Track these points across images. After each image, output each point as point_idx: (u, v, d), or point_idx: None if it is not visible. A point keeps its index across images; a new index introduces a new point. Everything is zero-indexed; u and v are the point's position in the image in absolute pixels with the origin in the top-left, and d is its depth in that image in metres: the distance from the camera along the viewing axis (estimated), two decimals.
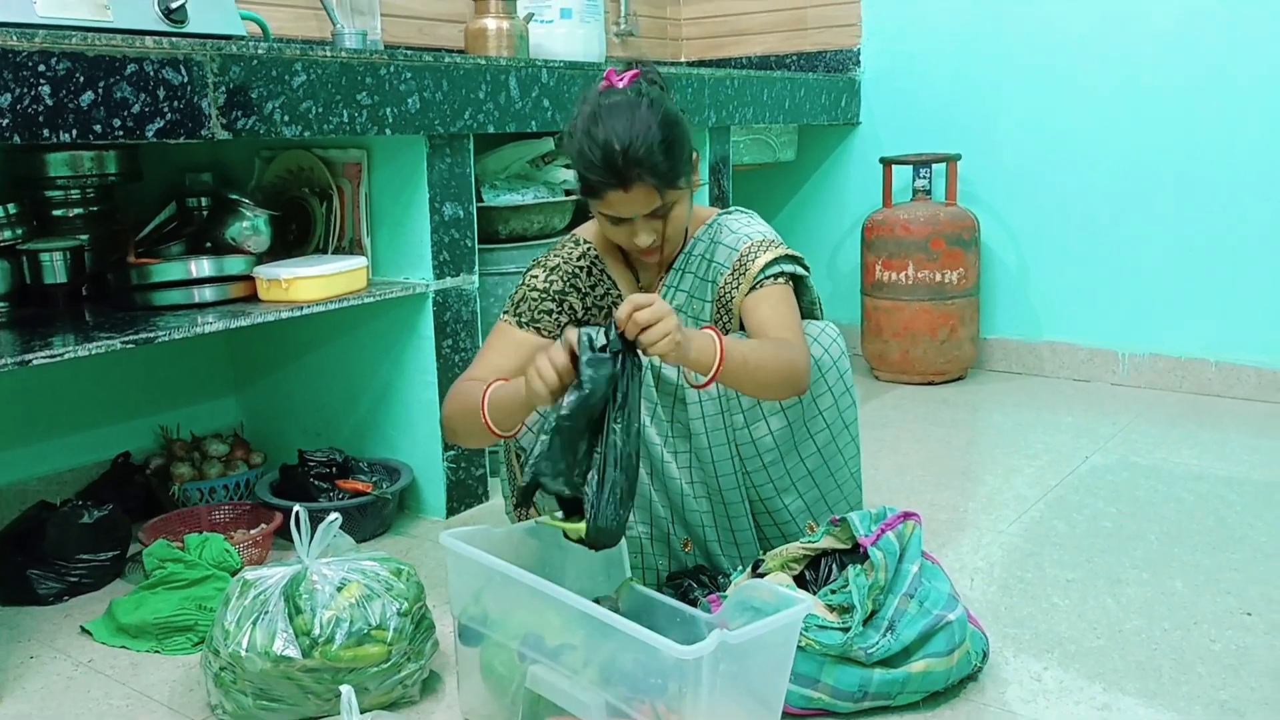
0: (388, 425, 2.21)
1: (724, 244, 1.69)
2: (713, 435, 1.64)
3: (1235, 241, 2.89)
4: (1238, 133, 2.84)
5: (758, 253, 1.66)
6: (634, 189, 1.50)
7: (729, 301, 1.66)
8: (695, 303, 1.70)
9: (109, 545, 1.88)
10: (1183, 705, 1.42)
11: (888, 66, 3.35)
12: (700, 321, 1.69)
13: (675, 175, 1.53)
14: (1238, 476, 2.30)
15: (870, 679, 1.40)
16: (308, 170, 2.19)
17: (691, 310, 1.70)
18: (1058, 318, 3.19)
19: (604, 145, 1.48)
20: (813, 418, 1.69)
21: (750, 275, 1.64)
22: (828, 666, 1.39)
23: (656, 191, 1.52)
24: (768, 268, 1.65)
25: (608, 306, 1.72)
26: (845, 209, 3.48)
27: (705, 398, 1.63)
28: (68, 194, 2.06)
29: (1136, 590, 1.77)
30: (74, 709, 1.49)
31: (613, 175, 1.49)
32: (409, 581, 1.48)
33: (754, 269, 1.64)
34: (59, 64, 1.43)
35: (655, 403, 1.65)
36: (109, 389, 2.27)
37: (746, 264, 1.65)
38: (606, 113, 1.50)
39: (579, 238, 1.75)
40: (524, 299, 1.69)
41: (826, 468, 1.72)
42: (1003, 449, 2.55)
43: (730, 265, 1.66)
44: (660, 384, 1.64)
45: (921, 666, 1.41)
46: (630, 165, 1.47)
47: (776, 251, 1.66)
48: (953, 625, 1.44)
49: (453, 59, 1.99)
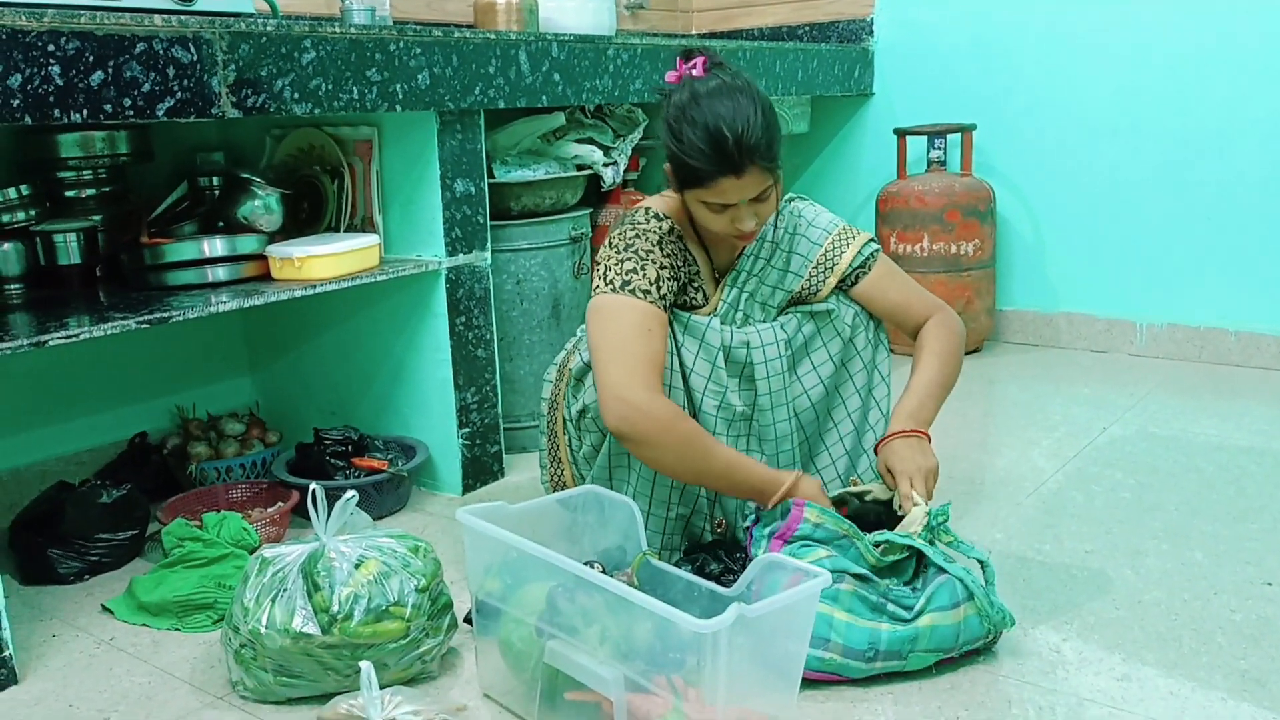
0: (402, 403, 2.21)
1: (805, 236, 1.73)
2: (775, 403, 1.69)
3: (1254, 210, 2.85)
4: (1256, 100, 2.80)
5: (842, 246, 1.72)
6: (746, 174, 1.49)
7: (812, 293, 1.73)
8: (765, 289, 1.72)
9: (128, 525, 1.89)
10: (1203, 675, 1.42)
11: (901, 36, 3.31)
12: (769, 308, 1.72)
13: (779, 156, 1.52)
14: (1258, 446, 2.29)
15: (879, 636, 1.40)
16: (319, 148, 2.19)
17: (761, 296, 1.72)
18: (1075, 289, 3.17)
19: (714, 132, 1.46)
20: (850, 359, 1.76)
21: (839, 270, 1.72)
22: (835, 624, 1.40)
23: (767, 174, 1.51)
24: (856, 258, 1.72)
25: (686, 284, 1.68)
26: (859, 181, 3.45)
27: (772, 373, 1.68)
28: (80, 175, 2.06)
29: (1156, 561, 1.76)
30: (96, 686, 1.50)
31: (726, 162, 1.47)
32: (426, 558, 1.48)
33: (843, 263, 1.72)
34: (68, 44, 1.42)
35: (724, 386, 1.65)
36: (124, 369, 2.27)
37: (833, 258, 1.72)
38: (707, 101, 1.49)
39: (658, 212, 1.67)
40: (655, 277, 1.58)
41: (862, 408, 1.78)
42: (1020, 421, 2.54)
43: (814, 259, 1.72)
44: (729, 364, 1.66)
45: (927, 621, 1.41)
46: (744, 151, 1.46)
47: (859, 241, 1.74)
48: (951, 581, 1.44)
49: (462, 34, 1.97)
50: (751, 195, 1.52)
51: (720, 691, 1.14)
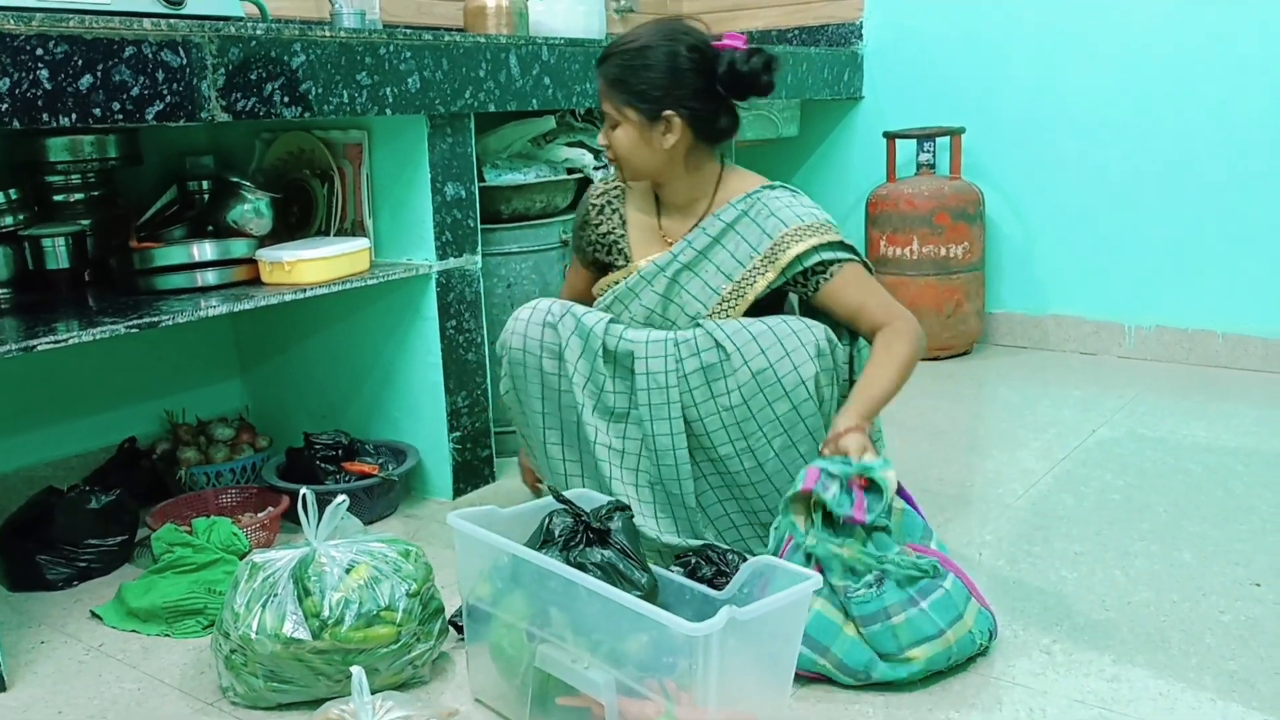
0: (393, 407, 2.21)
1: (760, 225, 1.68)
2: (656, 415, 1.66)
3: (1242, 212, 2.87)
4: (1245, 103, 2.82)
5: (792, 241, 1.66)
6: (602, 84, 1.69)
7: (749, 287, 1.66)
8: (708, 266, 1.70)
9: (117, 530, 1.88)
10: (1192, 676, 1.42)
11: (890, 40, 3.32)
12: (710, 287, 1.69)
13: (628, 93, 1.65)
14: (1246, 447, 2.30)
15: (874, 665, 1.40)
16: (308, 152, 2.18)
17: (701, 273, 1.70)
18: (1064, 291, 3.18)
19: (615, 39, 1.70)
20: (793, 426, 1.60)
21: (779, 266, 1.65)
22: (840, 638, 1.39)
23: (613, 100, 1.67)
24: (797, 260, 1.65)
25: (608, 245, 1.82)
26: (849, 184, 3.46)
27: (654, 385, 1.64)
28: (68, 179, 2.05)
29: (1145, 562, 1.77)
30: (85, 693, 1.49)
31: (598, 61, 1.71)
32: (417, 563, 1.48)
33: (784, 260, 1.65)
34: (57, 47, 1.42)
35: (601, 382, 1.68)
36: (114, 374, 2.27)
37: (778, 253, 1.66)
38: (658, 23, 1.68)
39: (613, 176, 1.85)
40: (576, 236, 1.89)
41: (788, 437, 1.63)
42: (1009, 423, 2.55)
43: (762, 250, 1.66)
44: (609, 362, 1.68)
45: (920, 654, 1.40)
46: (601, 61, 1.69)
47: (816, 239, 1.65)
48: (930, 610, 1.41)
49: (452, 37, 1.97)
50: (603, 106, 1.69)
51: (712, 694, 1.14)
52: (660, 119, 1.65)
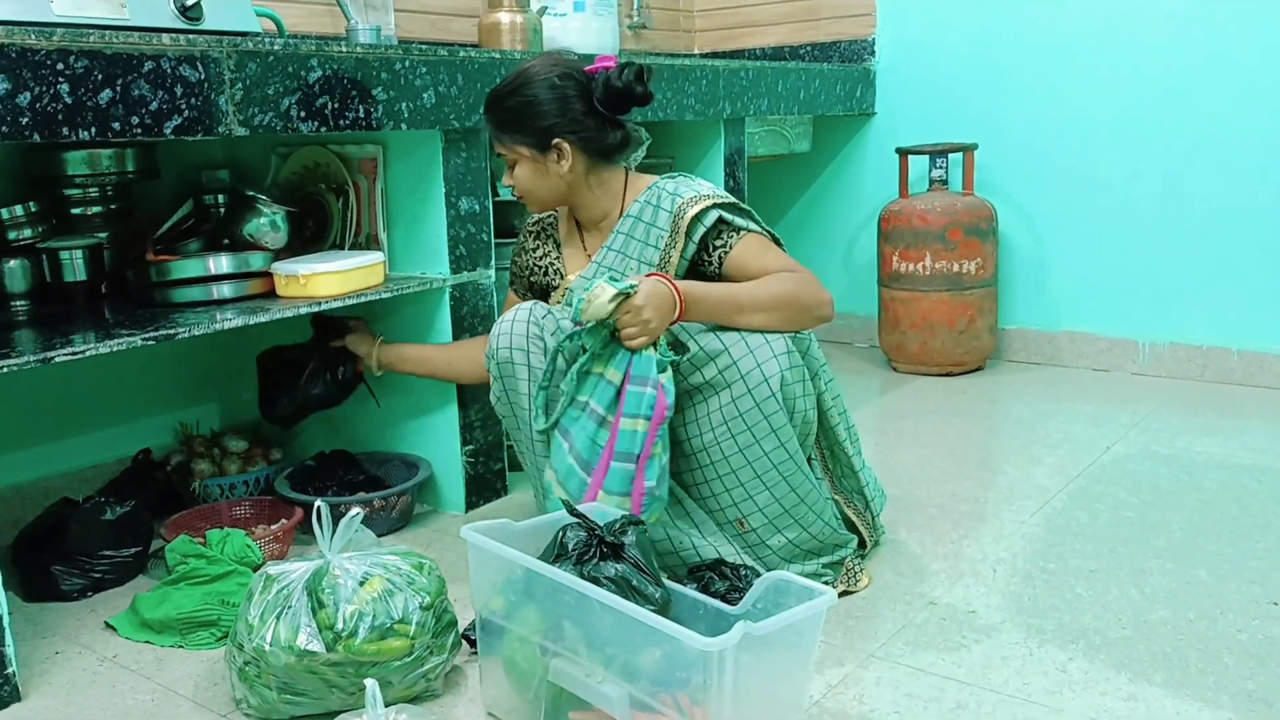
0: (406, 420, 2.21)
1: (661, 207, 1.76)
2: None
3: (1256, 228, 2.86)
4: (1257, 118, 2.81)
5: (687, 208, 1.72)
6: (490, 129, 1.79)
7: (667, 264, 1.72)
8: (627, 261, 1.76)
9: (131, 541, 1.89)
10: (1209, 695, 1.41)
11: (903, 56, 3.33)
12: None
13: (516, 131, 1.74)
14: (1261, 465, 2.29)
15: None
16: (324, 166, 2.20)
17: (626, 270, 1.75)
18: (1077, 307, 3.17)
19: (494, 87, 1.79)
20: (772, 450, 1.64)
21: (683, 230, 1.71)
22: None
23: (503, 140, 1.76)
24: (697, 221, 1.71)
25: (545, 267, 1.91)
26: (861, 200, 3.46)
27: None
28: (86, 192, 2.06)
29: (1160, 580, 1.76)
30: (99, 703, 1.50)
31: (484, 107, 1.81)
32: (430, 575, 1.48)
33: (683, 225, 1.71)
34: (77, 62, 1.43)
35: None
36: (129, 386, 2.28)
37: (679, 222, 1.72)
38: (531, 63, 1.76)
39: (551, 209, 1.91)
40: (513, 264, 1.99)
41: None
42: (1023, 439, 2.54)
43: (668, 229, 1.73)
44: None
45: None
46: (487, 106, 1.79)
47: (704, 203, 1.72)
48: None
49: (467, 53, 1.98)
50: (499, 153, 1.79)
51: (726, 710, 1.14)
52: (551, 148, 1.74)
